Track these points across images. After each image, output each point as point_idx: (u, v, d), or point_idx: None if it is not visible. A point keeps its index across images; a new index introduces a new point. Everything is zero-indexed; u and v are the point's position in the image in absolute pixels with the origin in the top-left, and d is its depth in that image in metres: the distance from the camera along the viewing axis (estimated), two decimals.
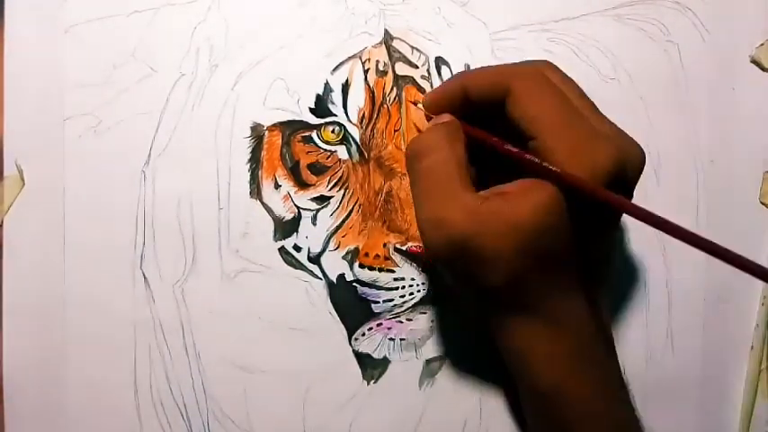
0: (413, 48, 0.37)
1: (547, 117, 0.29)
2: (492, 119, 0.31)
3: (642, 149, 0.31)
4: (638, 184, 0.38)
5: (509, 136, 0.30)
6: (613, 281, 0.38)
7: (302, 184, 0.36)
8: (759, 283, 0.39)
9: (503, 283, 0.29)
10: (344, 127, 0.36)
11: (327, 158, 0.36)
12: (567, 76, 0.32)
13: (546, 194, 0.28)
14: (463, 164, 0.30)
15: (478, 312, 0.33)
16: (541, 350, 0.30)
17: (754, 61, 0.39)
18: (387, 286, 0.37)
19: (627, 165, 0.29)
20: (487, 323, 0.32)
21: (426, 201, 0.30)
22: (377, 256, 0.36)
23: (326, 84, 0.36)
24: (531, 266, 0.29)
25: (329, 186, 0.37)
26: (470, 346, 0.38)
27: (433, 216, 0.29)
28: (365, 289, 0.37)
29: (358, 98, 0.36)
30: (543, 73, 0.31)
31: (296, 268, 0.37)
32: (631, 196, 0.31)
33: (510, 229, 0.28)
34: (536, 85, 0.30)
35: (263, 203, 0.36)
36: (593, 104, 0.31)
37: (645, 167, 0.38)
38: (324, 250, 0.37)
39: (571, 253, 0.29)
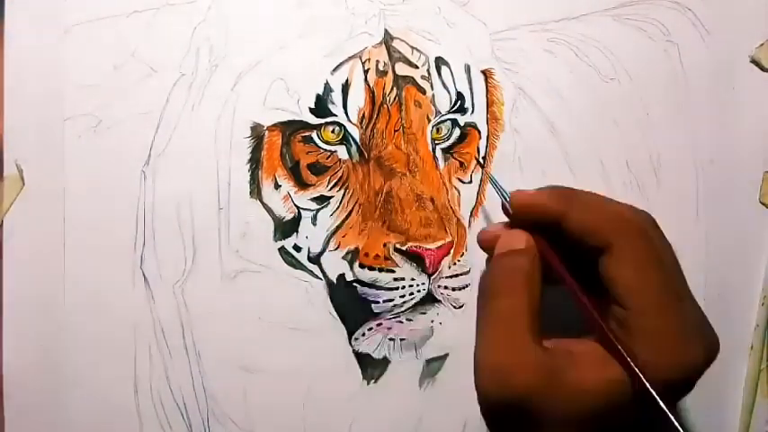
0: (413, 48, 0.37)
1: (645, 295, 0.27)
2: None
3: (718, 341, 0.29)
4: (639, 183, 0.38)
5: (572, 255, 0.29)
6: None
7: (302, 184, 0.36)
8: (759, 283, 0.39)
9: None
10: (344, 127, 0.36)
11: (327, 158, 0.36)
12: (662, 234, 0.30)
13: (619, 373, 0.27)
14: (537, 312, 0.28)
15: None
16: None
17: (753, 61, 0.39)
18: (387, 286, 0.37)
19: (711, 360, 0.28)
20: None
21: (492, 345, 0.28)
22: (377, 256, 0.36)
23: (326, 84, 0.36)
24: None
25: (329, 186, 0.37)
26: (471, 345, 0.38)
27: (498, 363, 0.27)
28: (365, 289, 0.37)
29: (358, 98, 0.36)
30: (648, 233, 0.29)
31: (296, 268, 0.37)
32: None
33: (576, 399, 0.26)
34: (640, 250, 0.28)
35: (263, 203, 0.36)
36: (680, 270, 0.30)
37: (644, 167, 0.38)
38: (324, 250, 0.37)
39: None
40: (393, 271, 0.36)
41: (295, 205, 0.36)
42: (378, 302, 0.37)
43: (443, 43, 0.37)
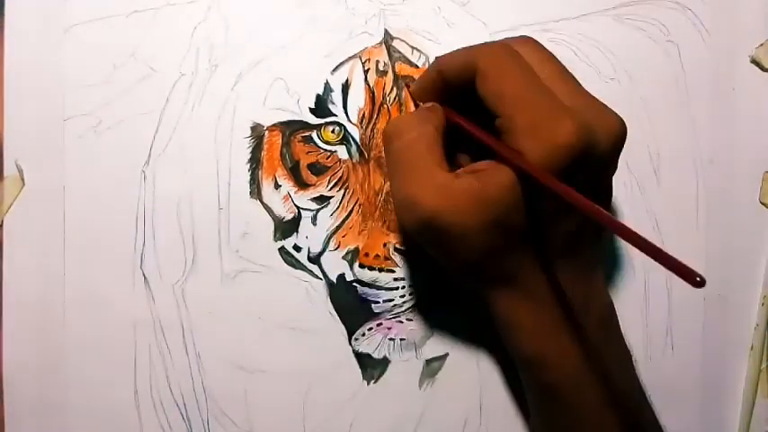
0: (413, 48, 0.37)
1: (508, 93, 0.29)
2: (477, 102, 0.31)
3: (621, 122, 0.30)
4: (638, 183, 0.38)
5: (490, 118, 0.30)
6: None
7: (302, 185, 0.36)
8: (759, 283, 0.39)
9: (474, 258, 0.30)
10: (344, 127, 0.36)
11: (327, 158, 0.36)
12: (545, 51, 0.31)
13: (508, 174, 0.28)
14: (435, 143, 0.31)
15: (464, 287, 0.34)
16: (523, 320, 0.31)
17: (754, 61, 0.39)
18: (387, 286, 0.37)
19: (595, 139, 0.28)
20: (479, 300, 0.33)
21: (399, 180, 0.30)
22: (377, 256, 0.36)
23: (326, 84, 0.36)
24: (500, 241, 0.29)
25: (329, 186, 0.37)
26: (471, 345, 0.38)
27: (405, 195, 0.30)
28: (365, 289, 0.37)
29: (358, 98, 0.36)
30: (512, 49, 0.30)
31: (296, 268, 0.37)
32: (612, 170, 0.31)
33: (478, 205, 0.28)
34: (502, 61, 0.30)
35: (263, 203, 0.36)
36: (573, 81, 0.31)
37: (644, 167, 0.38)
38: (324, 250, 0.37)
39: (539, 228, 0.30)
40: (393, 271, 0.37)
41: (295, 205, 0.36)
42: (378, 302, 0.37)
43: (443, 43, 0.37)
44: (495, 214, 0.28)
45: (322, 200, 0.37)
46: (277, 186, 0.36)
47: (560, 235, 0.30)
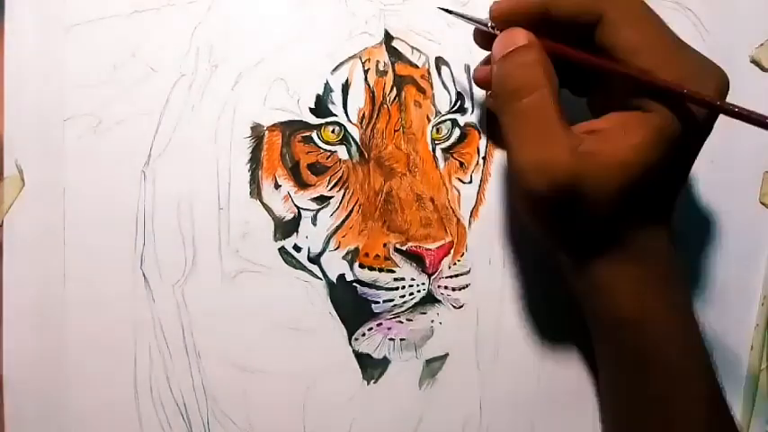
0: (413, 48, 0.37)
1: (651, 48, 0.28)
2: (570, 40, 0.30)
3: (726, 76, 0.30)
4: None
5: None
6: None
7: (302, 185, 0.36)
8: (759, 283, 0.39)
9: (605, 222, 0.29)
10: (344, 127, 0.36)
11: (327, 158, 0.36)
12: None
13: (647, 131, 0.28)
14: (558, 100, 0.29)
15: (553, 255, 0.34)
16: (626, 282, 0.30)
17: (753, 61, 0.39)
18: (387, 286, 0.37)
19: (724, 95, 0.29)
20: (561, 265, 0.33)
21: (526, 143, 0.29)
22: (377, 256, 0.36)
23: (327, 84, 0.36)
24: (632, 203, 0.29)
25: (329, 186, 0.37)
26: (471, 345, 0.38)
27: (536, 158, 0.28)
28: (365, 289, 0.37)
29: (358, 98, 0.36)
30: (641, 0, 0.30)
31: (296, 268, 0.37)
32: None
33: (615, 168, 0.28)
34: (634, 11, 0.29)
35: (263, 203, 0.36)
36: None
37: None
38: (324, 250, 0.37)
39: (667, 188, 0.30)
40: (393, 271, 0.37)
41: (295, 205, 0.36)
42: (378, 302, 0.37)
43: (443, 43, 0.37)
44: (632, 176, 0.28)
45: (322, 200, 0.37)
46: (277, 186, 0.36)
47: (667, 192, 0.30)
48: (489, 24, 0.32)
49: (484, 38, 0.33)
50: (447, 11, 0.34)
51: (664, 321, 0.31)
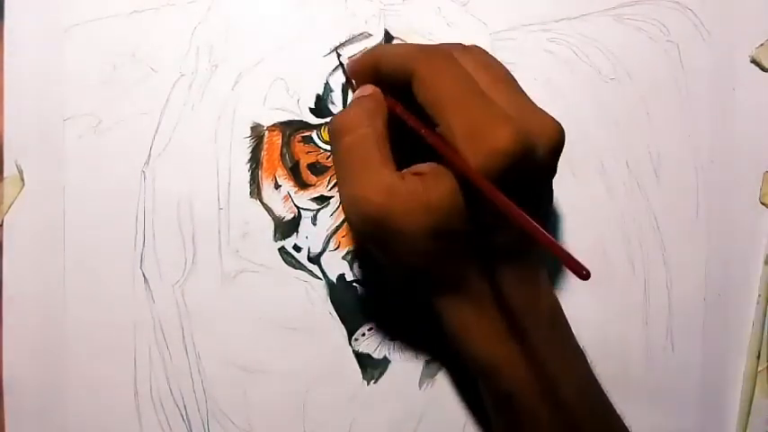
0: None
1: (446, 100, 0.29)
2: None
3: (558, 126, 0.30)
4: (638, 182, 0.38)
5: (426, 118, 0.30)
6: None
7: (302, 184, 0.36)
8: (758, 282, 0.39)
9: (420, 263, 0.30)
10: None
11: (327, 158, 0.36)
12: (487, 56, 0.32)
13: (452, 179, 0.28)
14: (383, 141, 0.30)
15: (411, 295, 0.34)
16: (472, 328, 0.31)
17: (754, 61, 0.39)
18: None
19: (533, 145, 0.28)
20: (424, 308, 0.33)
21: (346, 178, 0.30)
22: None
23: (326, 84, 0.36)
24: (443, 247, 0.29)
25: (329, 186, 0.37)
26: None
27: (352, 193, 0.29)
28: None
29: None
30: (451, 55, 0.30)
31: (296, 268, 0.37)
32: (552, 173, 0.31)
33: (422, 210, 0.28)
34: (439, 67, 0.30)
35: (263, 203, 0.36)
36: (514, 87, 0.31)
37: (644, 167, 0.38)
38: (324, 250, 0.37)
39: (485, 234, 0.29)
40: None
41: (295, 205, 0.36)
42: None
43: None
44: (438, 220, 0.28)
45: (322, 200, 0.37)
46: (277, 186, 0.36)
47: (503, 240, 0.30)
48: (346, 77, 0.35)
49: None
50: (338, 57, 0.36)
51: (517, 369, 0.30)
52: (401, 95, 0.31)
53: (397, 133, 0.31)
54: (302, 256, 0.37)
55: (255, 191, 0.36)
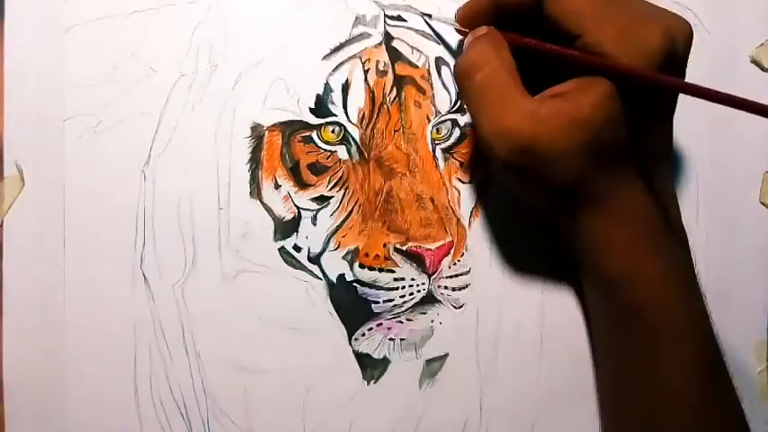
0: (413, 48, 0.37)
1: (588, 8, 0.30)
2: (526, 28, 0.31)
3: (689, 24, 0.31)
4: None
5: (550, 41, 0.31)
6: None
7: (302, 185, 0.36)
8: (759, 284, 0.39)
9: (572, 181, 0.30)
10: (344, 127, 0.36)
11: (327, 158, 0.36)
12: None
13: (602, 88, 0.29)
14: (515, 71, 0.31)
15: (548, 219, 0.34)
16: (612, 240, 0.31)
17: (754, 61, 0.39)
18: (387, 286, 0.37)
19: (676, 41, 0.30)
20: (558, 228, 0.33)
21: (486, 114, 0.30)
22: (377, 256, 0.36)
23: (326, 84, 0.36)
24: (596, 161, 0.30)
25: (329, 186, 0.37)
26: (471, 345, 0.38)
27: (497, 127, 0.30)
28: (365, 289, 0.37)
29: (358, 98, 0.36)
30: None
31: (296, 268, 0.37)
32: (684, 72, 0.32)
33: (573, 127, 0.29)
34: None
35: (263, 203, 0.36)
36: None
37: None
38: (324, 250, 0.37)
39: (631, 143, 0.30)
40: (393, 271, 0.37)
41: (295, 205, 0.36)
42: (378, 302, 0.37)
43: (443, 43, 0.37)
44: (590, 134, 0.29)
45: (322, 200, 0.37)
46: (277, 186, 0.36)
47: (645, 148, 0.31)
48: (456, 28, 0.34)
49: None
50: (426, 15, 0.36)
51: (653, 279, 0.31)
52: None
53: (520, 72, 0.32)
54: (302, 256, 0.37)
55: (255, 191, 0.36)
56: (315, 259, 0.37)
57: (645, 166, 0.31)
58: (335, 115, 0.36)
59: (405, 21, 0.37)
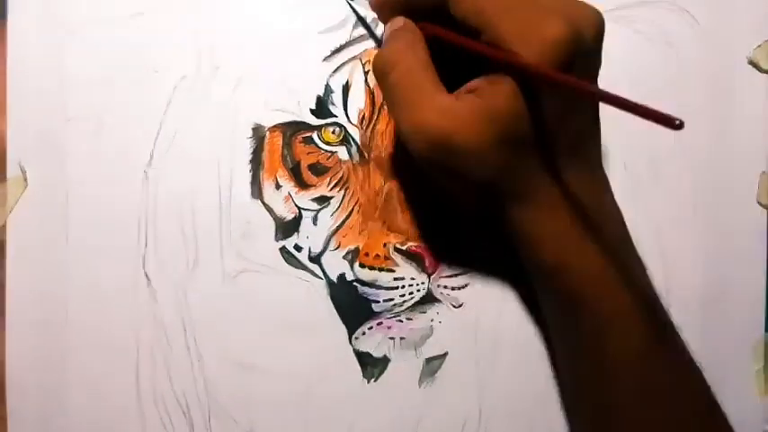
0: None
1: (489, 6, 0.29)
2: (446, 19, 0.31)
3: (598, 12, 0.31)
4: (637, 182, 0.38)
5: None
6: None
7: (303, 185, 0.37)
8: (758, 284, 0.39)
9: (491, 175, 0.30)
10: (345, 128, 0.37)
11: (328, 159, 0.37)
12: None
13: (509, 83, 0.29)
14: (429, 66, 0.31)
15: (479, 212, 0.34)
16: (543, 230, 0.31)
17: (751, 62, 0.39)
18: (387, 286, 0.37)
19: (583, 31, 0.29)
20: (490, 224, 0.33)
21: (402, 112, 0.30)
22: (377, 255, 0.37)
23: (327, 85, 0.36)
24: (512, 155, 0.30)
25: (330, 187, 0.37)
26: (471, 345, 0.38)
27: (412, 123, 0.30)
28: (365, 288, 0.37)
29: (358, 99, 0.37)
30: None
31: (297, 268, 0.37)
32: (598, 62, 0.32)
33: (486, 122, 0.29)
34: None
35: (264, 204, 0.37)
36: None
37: (642, 168, 0.38)
38: (324, 250, 0.37)
39: (548, 135, 0.30)
40: (393, 271, 0.37)
41: (296, 205, 0.37)
42: (378, 302, 0.37)
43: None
44: (504, 127, 0.29)
45: (323, 200, 0.37)
46: (278, 187, 0.37)
47: (566, 136, 0.30)
48: (371, 18, 0.35)
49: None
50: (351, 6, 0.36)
51: (585, 267, 0.31)
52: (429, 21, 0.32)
53: (437, 61, 0.32)
54: (303, 256, 0.37)
55: (257, 191, 0.37)
56: (315, 259, 0.37)
57: (569, 156, 0.31)
58: (336, 116, 0.36)
59: None
